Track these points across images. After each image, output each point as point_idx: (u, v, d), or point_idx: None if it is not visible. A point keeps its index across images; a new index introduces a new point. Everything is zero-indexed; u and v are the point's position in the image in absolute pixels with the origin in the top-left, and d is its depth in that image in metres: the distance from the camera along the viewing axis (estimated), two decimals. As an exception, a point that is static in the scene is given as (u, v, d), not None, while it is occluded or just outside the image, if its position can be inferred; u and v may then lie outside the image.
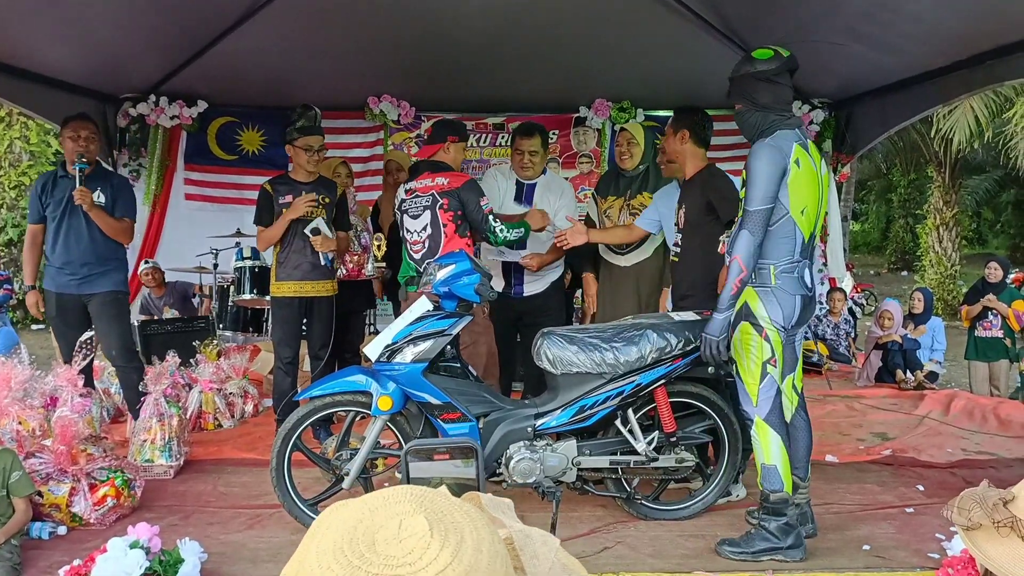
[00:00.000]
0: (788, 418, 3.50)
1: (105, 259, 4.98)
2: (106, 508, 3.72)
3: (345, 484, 3.59)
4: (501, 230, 4.26)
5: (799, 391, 3.63)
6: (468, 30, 6.62)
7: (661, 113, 8.06)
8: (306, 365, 5.85)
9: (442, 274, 3.54)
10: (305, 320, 4.97)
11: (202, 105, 7.88)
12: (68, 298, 4.89)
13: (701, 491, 3.91)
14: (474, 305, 3.63)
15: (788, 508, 3.43)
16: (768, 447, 3.42)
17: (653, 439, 3.71)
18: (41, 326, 11.71)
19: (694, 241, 4.05)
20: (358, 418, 3.75)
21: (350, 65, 7.33)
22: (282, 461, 3.58)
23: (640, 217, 4.61)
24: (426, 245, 4.30)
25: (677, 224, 4.14)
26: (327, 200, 4.90)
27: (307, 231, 4.73)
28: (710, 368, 3.69)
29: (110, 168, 7.54)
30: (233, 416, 5.69)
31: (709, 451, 4.08)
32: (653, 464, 3.71)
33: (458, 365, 3.67)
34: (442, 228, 4.27)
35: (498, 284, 4.84)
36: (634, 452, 3.69)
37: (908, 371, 7.30)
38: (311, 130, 4.87)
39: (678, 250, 4.14)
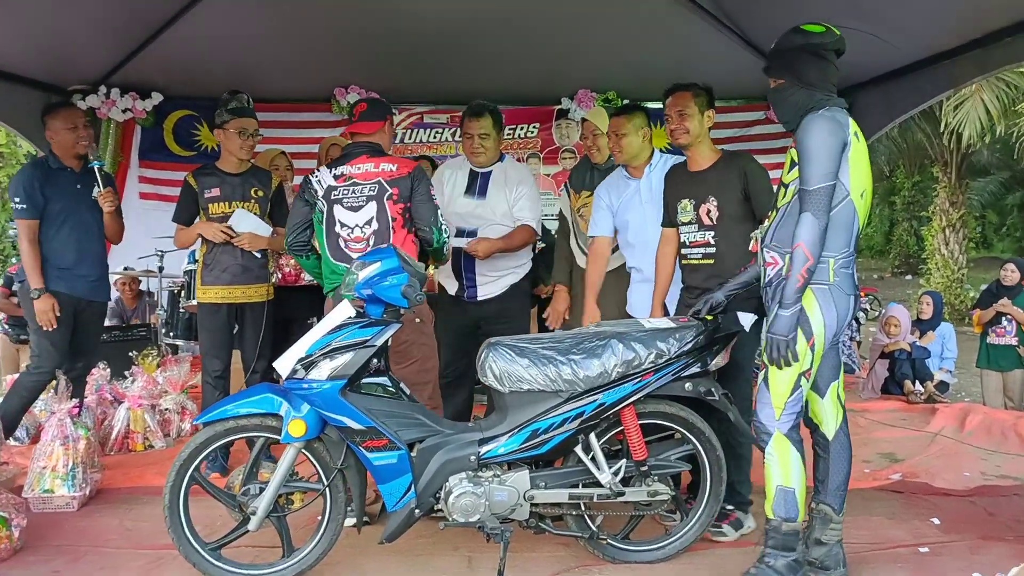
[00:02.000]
0: (831, 434, 3.11)
1: (106, 262, 4.72)
2: (-26, 552, 3.16)
3: (252, 525, 3.02)
4: (446, 229, 3.75)
5: (843, 402, 3.15)
6: (442, 16, 6.15)
7: (651, 104, 7.47)
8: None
9: (364, 274, 2.97)
10: (237, 329, 4.43)
11: (157, 97, 7.39)
12: (74, 301, 4.47)
13: (679, 528, 3.33)
14: (402, 312, 3.06)
15: (799, 542, 2.96)
16: (788, 467, 2.97)
17: (620, 469, 3.14)
18: None
19: (734, 238, 3.49)
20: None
21: (316, 54, 6.86)
22: (176, 497, 3.00)
23: (593, 225, 4.09)
24: (371, 242, 3.65)
25: (696, 222, 3.57)
26: (260, 193, 4.38)
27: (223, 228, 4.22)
28: (687, 385, 3.13)
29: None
30: (168, 435, 5.13)
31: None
32: (620, 498, 3.14)
33: (387, 382, 3.09)
34: (391, 222, 3.65)
35: (451, 286, 4.32)
36: (598, 484, 3.12)
37: (917, 382, 6.73)
38: (245, 112, 4.36)
39: (710, 251, 3.55)
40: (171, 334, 6.68)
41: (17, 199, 4.35)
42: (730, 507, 3.58)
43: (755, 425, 3.05)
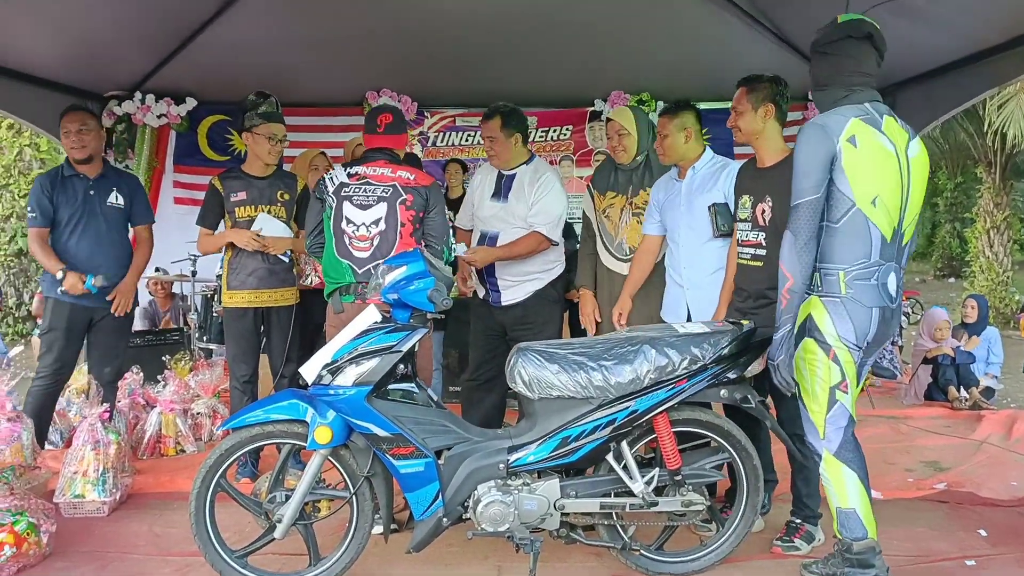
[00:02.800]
0: None
1: (124, 269, 4.59)
2: (3, 558, 3.14)
3: (277, 533, 2.98)
4: (454, 247, 3.80)
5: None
6: (473, 18, 6.08)
7: (708, 105, 7.31)
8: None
9: (391, 278, 2.92)
10: (264, 333, 4.41)
11: (191, 103, 7.41)
12: (81, 309, 4.42)
13: (715, 539, 3.24)
14: (429, 316, 3.00)
15: (876, 557, 2.89)
16: (843, 488, 2.90)
17: (653, 478, 3.06)
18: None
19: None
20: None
21: (347, 57, 6.82)
22: (202, 504, 2.98)
23: (647, 223, 3.97)
24: (375, 243, 3.64)
25: (750, 220, 3.44)
26: (287, 196, 4.35)
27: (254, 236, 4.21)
28: (723, 392, 3.04)
29: (119, 166, 7.16)
30: (200, 439, 5.12)
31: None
32: (654, 508, 3.05)
33: (414, 388, 3.03)
34: (399, 227, 3.65)
35: (480, 290, 4.33)
36: (630, 493, 3.04)
37: (962, 388, 6.55)
38: (275, 117, 4.32)
39: (760, 252, 3.41)
40: (204, 338, 6.70)
41: (29, 208, 4.35)
42: (799, 520, 3.49)
43: (808, 446, 3.00)
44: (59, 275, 4.27)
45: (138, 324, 7.37)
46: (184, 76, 7.00)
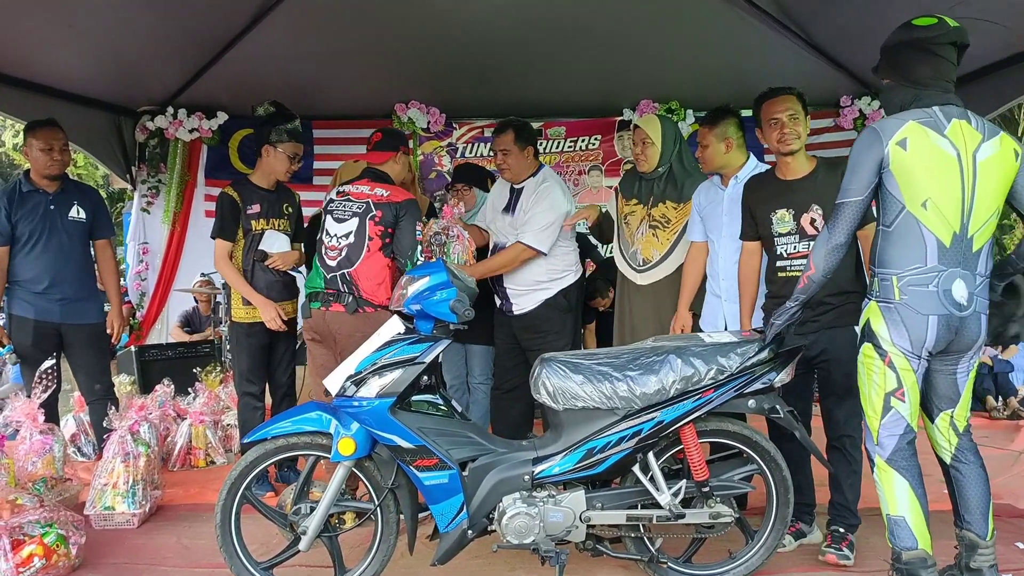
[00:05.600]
0: (947, 460, 3.02)
1: (90, 284, 4.65)
2: (33, 570, 3.16)
3: (302, 545, 2.97)
4: (419, 263, 3.86)
5: (962, 431, 2.99)
6: (501, 29, 6.10)
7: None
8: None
9: (414, 288, 2.91)
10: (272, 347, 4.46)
11: (222, 117, 7.49)
12: (46, 326, 4.46)
13: (744, 552, 3.19)
14: (452, 327, 2.99)
15: (927, 571, 2.84)
16: (893, 496, 2.87)
17: (680, 489, 3.01)
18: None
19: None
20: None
21: (375, 70, 6.87)
22: (228, 516, 2.98)
23: (692, 230, 3.93)
24: (343, 253, 3.85)
25: (796, 232, 3.39)
26: (291, 209, 4.43)
27: (256, 258, 4.27)
28: (750, 402, 2.99)
29: (152, 179, 7.38)
30: (230, 450, 5.15)
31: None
32: (681, 520, 3.01)
33: (438, 400, 3.02)
34: (366, 240, 3.83)
35: (497, 299, 4.40)
36: (657, 505, 3.00)
37: (1000, 397, 6.42)
38: (300, 137, 4.41)
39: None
40: (237, 350, 6.74)
41: None
42: (843, 529, 3.43)
43: (865, 451, 2.97)
44: None
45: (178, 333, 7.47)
46: (215, 90, 7.09)
